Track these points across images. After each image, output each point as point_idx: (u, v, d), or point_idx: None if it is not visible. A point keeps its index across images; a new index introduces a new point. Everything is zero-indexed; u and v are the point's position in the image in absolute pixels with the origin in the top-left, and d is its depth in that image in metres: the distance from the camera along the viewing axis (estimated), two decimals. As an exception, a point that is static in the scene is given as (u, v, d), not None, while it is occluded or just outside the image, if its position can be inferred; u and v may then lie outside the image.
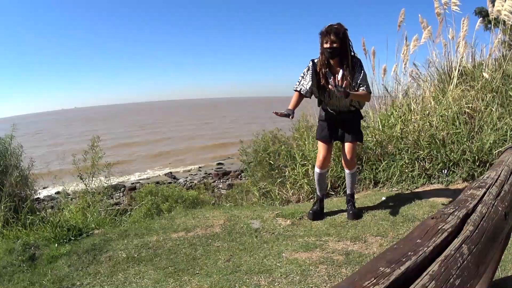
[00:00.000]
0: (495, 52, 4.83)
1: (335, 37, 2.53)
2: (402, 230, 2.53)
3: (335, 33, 2.53)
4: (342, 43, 2.56)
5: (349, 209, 2.90)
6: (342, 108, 2.81)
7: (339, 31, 2.54)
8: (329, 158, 2.93)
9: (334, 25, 2.57)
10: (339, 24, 2.58)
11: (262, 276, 2.04)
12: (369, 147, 3.99)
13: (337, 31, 2.54)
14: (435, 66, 4.97)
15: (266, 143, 4.85)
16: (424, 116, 4.09)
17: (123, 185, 11.80)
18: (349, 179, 2.92)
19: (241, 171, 9.67)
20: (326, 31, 2.56)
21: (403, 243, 0.72)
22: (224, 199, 5.72)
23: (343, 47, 2.57)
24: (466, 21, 4.59)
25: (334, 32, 2.53)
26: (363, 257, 2.20)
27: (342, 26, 2.58)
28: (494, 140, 3.50)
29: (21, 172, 4.42)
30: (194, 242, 2.57)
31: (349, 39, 2.62)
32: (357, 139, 2.83)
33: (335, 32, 2.53)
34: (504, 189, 1.16)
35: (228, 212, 3.10)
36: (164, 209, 4.41)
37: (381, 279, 0.57)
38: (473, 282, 0.74)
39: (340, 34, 2.54)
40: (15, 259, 2.38)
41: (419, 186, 3.53)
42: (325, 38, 2.57)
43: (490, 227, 0.91)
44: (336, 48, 2.55)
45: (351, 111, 2.84)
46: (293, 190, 4.12)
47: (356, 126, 2.85)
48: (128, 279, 2.13)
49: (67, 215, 3.32)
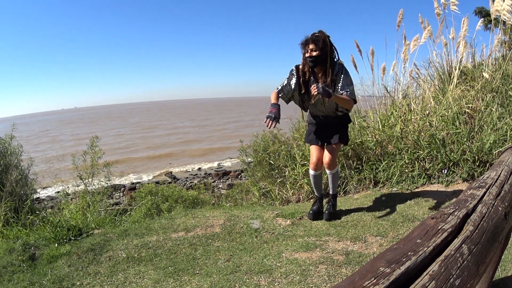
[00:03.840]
0: (495, 52, 4.83)
1: (314, 45, 2.55)
2: (402, 230, 2.53)
3: (313, 42, 2.55)
4: (322, 51, 2.57)
5: (327, 208, 2.95)
6: (329, 113, 2.83)
7: (319, 39, 2.55)
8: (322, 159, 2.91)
9: (315, 33, 2.59)
10: (320, 31, 2.60)
11: (262, 276, 2.04)
12: (369, 147, 3.99)
13: (316, 40, 2.55)
14: (435, 66, 4.97)
15: (266, 143, 4.86)
16: (424, 116, 4.09)
17: (123, 185, 11.80)
18: (330, 179, 2.94)
19: (241, 171, 9.68)
20: (305, 40, 2.59)
21: (403, 243, 0.72)
22: (224, 199, 5.72)
23: (324, 54, 2.58)
24: (466, 21, 4.59)
25: (313, 40, 2.56)
26: (363, 257, 2.20)
27: (323, 33, 2.58)
28: (494, 140, 3.50)
29: (21, 172, 4.42)
30: (194, 242, 2.57)
31: (331, 45, 2.61)
32: (340, 141, 2.83)
33: (314, 40, 2.55)
34: (504, 189, 1.16)
35: (228, 212, 3.10)
36: (164, 209, 4.41)
37: (381, 279, 0.57)
38: (473, 282, 0.74)
39: (320, 42, 2.54)
40: (15, 259, 2.38)
41: (419, 186, 3.53)
42: (305, 48, 2.61)
43: (490, 227, 0.91)
44: (317, 56, 2.57)
45: (338, 116, 2.85)
46: (293, 190, 4.12)
47: (342, 129, 2.86)
48: (128, 279, 2.13)
49: (67, 215, 3.32)
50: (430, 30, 4.68)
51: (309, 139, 2.95)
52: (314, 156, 2.89)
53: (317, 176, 2.96)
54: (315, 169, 2.91)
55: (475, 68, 4.72)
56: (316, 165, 2.89)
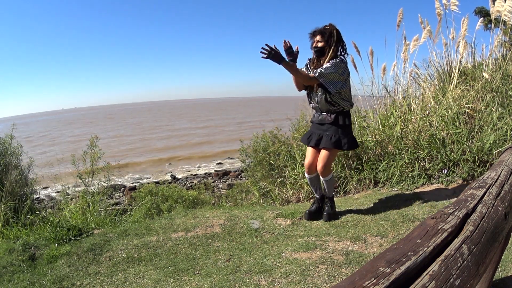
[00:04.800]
0: (495, 52, 4.83)
1: (320, 37, 2.66)
2: (402, 230, 2.53)
3: (320, 33, 2.66)
4: (327, 43, 2.65)
5: (326, 209, 2.91)
6: (322, 106, 2.77)
7: (325, 32, 2.65)
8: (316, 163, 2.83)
9: (326, 26, 2.67)
10: (330, 24, 2.68)
11: (262, 276, 2.04)
12: (369, 147, 3.99)
13: (323, 32, 2.65)
14: (435, 66, 4.98)
15: (266, 143, 4.86)
16: (424, 116, 4.09)
17: (123, 185, 11.80)
18: (324, 184, 2.89)
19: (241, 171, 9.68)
20: (313, 32, 2.70)
21: (403, 243, 0.72)
22: (224, 199, 5.72)
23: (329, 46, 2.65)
24: (466, 21, 4.59)
25: (319, 32, 2.67)
26: (363, 257, 2.20)
27: (332, 27, 2.66)
28: (494, 140, 3.50)
29: (21, 172, 4.42)
30: (194, 242, 2.57)
31: (337, 39, 2.66)
32: (333, 146, 2.70)
33: (321, 32, 2.66)
34: (504, 189, 1.16)
35: (228, 212, 3.10)
36: (164, 209, 4.41)
37: (381, 279, 0.57)
38: (473, 282, 0.74)
39: (326, 34, 2.64)
40: (15, 259, 2.38)
41: (419, 186, 3.53)
42: (312, 38, 2.71)
43: (490, 227, 0.91)
44: (322, 47, 2.66)
45: (331, 112, 2.75)
46: (293, 190, 4.12)
47: (336, 132, 2.72)
48: (128, 279, 2.13)
49: (67, 215, 3.32)
50: (430, 30, 4.68)
51: (303, 139, 2.96)
52: (307, 160, 2.86)
53: (312, 179, 2.92)
54: (309, 172, 2.88)
55: (475, 68, 4.72)
56: (309, 168, 2.86)
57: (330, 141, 2.70)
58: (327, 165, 2.74)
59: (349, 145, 2.77)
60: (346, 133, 2.76)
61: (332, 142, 2.70)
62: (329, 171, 2.80)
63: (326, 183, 2.86)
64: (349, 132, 2.81)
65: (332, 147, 2.70)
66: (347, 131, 2.78)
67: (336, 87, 2.64)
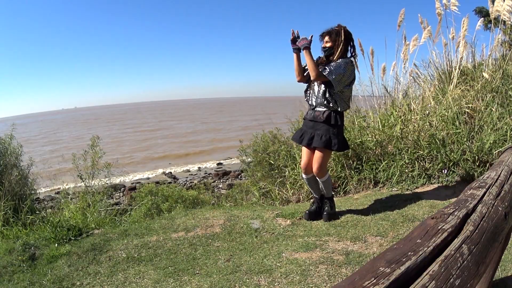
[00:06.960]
0: (495, 52, 4.83)
1: (328, 37, 2.75)
2: (402, 230, 2.53)
3: (328, 34, 2.75)
4: (335, 42, 2.72)
5: (326, 209, 2.91)
6: (316, 102, 2.76)
7: (333, 32, 2.73)
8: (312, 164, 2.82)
9: (335, 26, 2.75)
10: (339, 25, 2.75)
11: (262, 276, 2.04)
12: (369, 147, 3.99)
13: (331, 32, 2.74)
14: (435, 66, 4.97)
15: (265, 143, 4.86)
16: (424, 116, 4.09)
17: (123, 185, 11.80)
18: (321, 185, 2.89)
19: (241, 171, 9.67)
20: (323, 32, 2.79)
21: (403, 243, 0.72)
22: (224, 199, 5.72)
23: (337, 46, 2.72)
24: (466, 20, 4.59)
25: (328, 32, 2.76)
26: (363, 257, 2.20)
27: (340, 27, 2.73)
28: (494, 140, 3.50)
29: (21, 172, 4.42)
30: (194, 242, 2.57)
31: (345, 40, 2.71)
32: (324, 145, 2.69)
33: (329, 32, 2.75)
34: (504, 189, 1.16)
35: (228, 212, 3.10)
36: (164, 209, 4.41)
37: (381, 279, 0.57)
38: (473, 282, 0.74)
39: (333, 35, 2.72)
40: (15, 259, 2.38)
41: (419, 186, 3.53)
42: (322, 39, 2.80)
43: (490, 227, 0.91)
44: (330, 47, 2.75)
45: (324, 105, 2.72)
46: (293, 190, 4.12)
47: (327, 132, 2.70)
48: (128, 279, 2.13)
49: (67, 215, 3.32)
50: (430, 30, 4.68)
51: (294, 136, 2.96)
52: (303, 161, 2.85)
53: (309, 179, 2.91)
54: (305, 173, 2.88)
55: (475, 68, 4.72)
56: (306, 169, 2.85)
57: (320, 140, 2.70)
58: (321, 166, 2.76)
59: (339, 146, 2.75)
60: (337, 133, 2.74)
61: (323, 142, 2.69)
62: (324, 172, 2.81)
63: (323, 184, 2.87)
64: (340, 133, 2.80)
65: (322, 146, 2.70)
66: (338, 132, 2.76)
67: (341, 86, 2.69)
